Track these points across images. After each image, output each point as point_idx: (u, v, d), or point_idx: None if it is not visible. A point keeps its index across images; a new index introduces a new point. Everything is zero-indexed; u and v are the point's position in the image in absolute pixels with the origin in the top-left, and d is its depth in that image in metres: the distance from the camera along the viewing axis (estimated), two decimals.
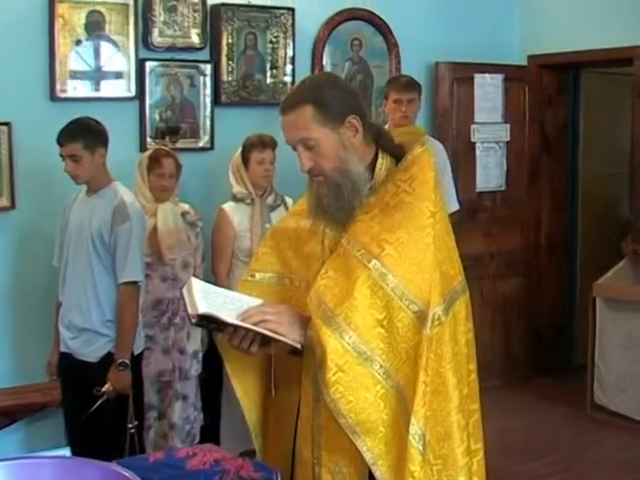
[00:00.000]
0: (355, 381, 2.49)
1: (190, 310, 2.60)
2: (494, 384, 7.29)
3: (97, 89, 5.81)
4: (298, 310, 2.67)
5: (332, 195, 2.66)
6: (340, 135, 2.65)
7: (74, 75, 5.71)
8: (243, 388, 2.91)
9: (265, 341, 2.65)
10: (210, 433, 5.52)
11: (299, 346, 2.61)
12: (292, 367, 2.76)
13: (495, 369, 7.43)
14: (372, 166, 2.72)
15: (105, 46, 5.82)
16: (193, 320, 2.59)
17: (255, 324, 2.59)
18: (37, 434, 5.60)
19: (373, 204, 2.65)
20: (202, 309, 2.55)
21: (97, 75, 5.81)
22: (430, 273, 2.54)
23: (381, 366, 2.51)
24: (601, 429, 6.53)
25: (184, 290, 2.71)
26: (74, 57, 5.69)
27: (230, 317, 2.60)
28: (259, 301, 2.74)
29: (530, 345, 7.71)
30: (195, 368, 5.45)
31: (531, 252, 7.75)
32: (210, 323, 2.59)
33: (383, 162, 2.73)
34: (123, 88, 5.89)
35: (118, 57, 5.86)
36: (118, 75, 5.88)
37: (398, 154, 2.74)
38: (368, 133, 2.71)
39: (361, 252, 2.57)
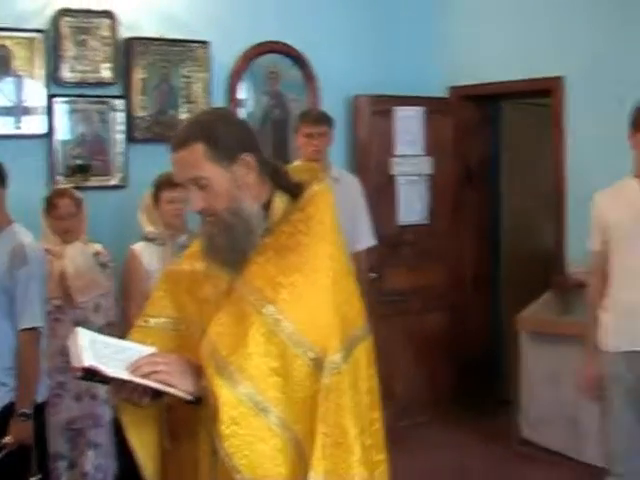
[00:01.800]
0: (250, 434, 2.35)
1: (75, 363, 2.44)
2: (420, 420, 7.21)
3: (4, 126, 5.64)
4: (191, 359, 2.52)
5: (225, 236, 2.54)
6: (233, 173, 2.53)
7: None
8: (139, 439, 2.74)
9: (157, 391, 2.50)
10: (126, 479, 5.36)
11: (191, 397, 2.46)
12: (193, 417, 2.60)
13: (421, 405, 7.33)
14: (268, 206, 2.60)
15: (12, 82, 5.66)
16: (78, 374, 2.43)
17: (145, 375, 2.44)
18: None
19: (269, 245, 2.53)
20: (86, 361, 2.40)
21: (4, 112, 5.65)
22: (328, 318, 2.42)
23: (278, 417, 2.37)
24: (528, 464, 6.43)
25: (69, 342, 2.54)
26: None
27: (118, 369, 2.44)
28: (151, 350, 2.59)
29: (456, 380, 7.61)
30: (109, 414, 5.27)
31: (456, 286, 7.67)
32: (95, 376, 2.43)
33: (279, 201, 2.61)
34: (32, 125, 5.74)
35: (26, 93, 5.70)
36: (26, 111, 5.72)
37: (296, 193, 2.62)
38: (263, 171, 2.59)
39: (255, 297, 2.44)
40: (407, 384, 7.24)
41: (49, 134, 5.79)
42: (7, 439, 4.27)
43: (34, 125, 5.74)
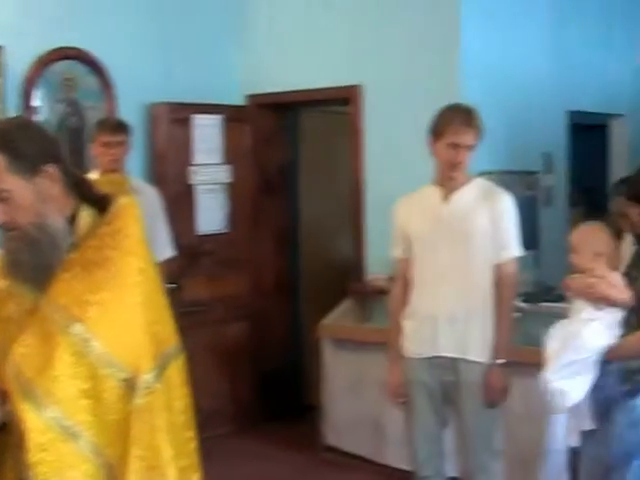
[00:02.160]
0: (60, 460, 2.25)
1: None
2: (224, 431, 7.13)
3: None
4: None
5: (29, 252, 2.43)
6: (36, 185, 2.42)
7: None
8: None
9: None
10: None
11: None
12: None
13: (224, 416, 7.25)
14: (73, 219, 2.49)
15: None
16: None
17: None
18: None
19: (75, 261, 2.42)
20: None
21: None
22: (139, 336, 2.35)
23: (89, 442, 2.28)
24: (334, 470, 6.45)
25: None
26: None
27: None
28: None
29: (259, 389, 7.57)
30: None
31: (257, 295, 7.63)
32: None
33: (85, 215, 2.51)
34: None
35: None
36: None
37: (102, 206, 2.53)
38: (67, 183, 2.49)
39: (61, 315, 2.33)
40: (209, 395, 7.14)
41: None
42: None
43: None
